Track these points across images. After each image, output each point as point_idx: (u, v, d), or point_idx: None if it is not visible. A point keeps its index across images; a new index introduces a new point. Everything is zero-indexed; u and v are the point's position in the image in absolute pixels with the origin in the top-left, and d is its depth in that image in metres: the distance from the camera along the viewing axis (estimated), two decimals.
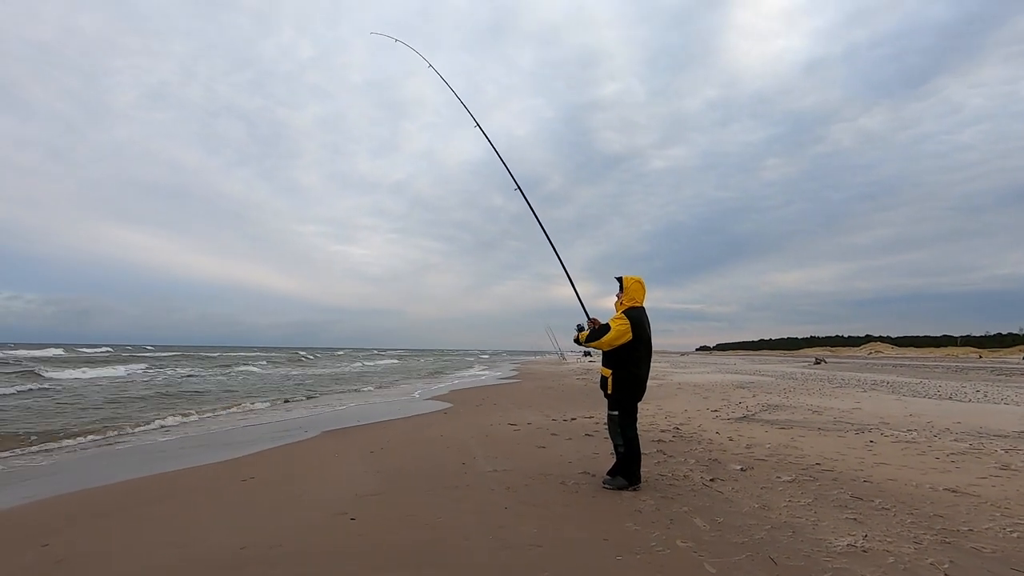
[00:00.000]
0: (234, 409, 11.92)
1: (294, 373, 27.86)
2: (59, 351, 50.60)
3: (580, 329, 4.91)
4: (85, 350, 58.07)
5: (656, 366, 32.41)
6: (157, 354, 53.06)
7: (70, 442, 7.67)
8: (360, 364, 41.04)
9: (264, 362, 39.68)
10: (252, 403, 12.97)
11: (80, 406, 12.05)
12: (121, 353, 52.92)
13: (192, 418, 10.39)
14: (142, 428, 9.07)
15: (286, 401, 13.86)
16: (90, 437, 8.07)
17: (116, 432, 8.58)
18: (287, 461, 6.18)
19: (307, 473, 5.51)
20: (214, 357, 49.09)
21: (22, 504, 4.61)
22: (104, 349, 62.98)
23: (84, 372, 23.32)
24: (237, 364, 35.25)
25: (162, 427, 9.26)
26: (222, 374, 25.46)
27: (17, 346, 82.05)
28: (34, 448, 7.24)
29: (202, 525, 3.90)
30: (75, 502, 4.65)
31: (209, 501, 4.55)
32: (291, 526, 3.77)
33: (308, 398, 14.79)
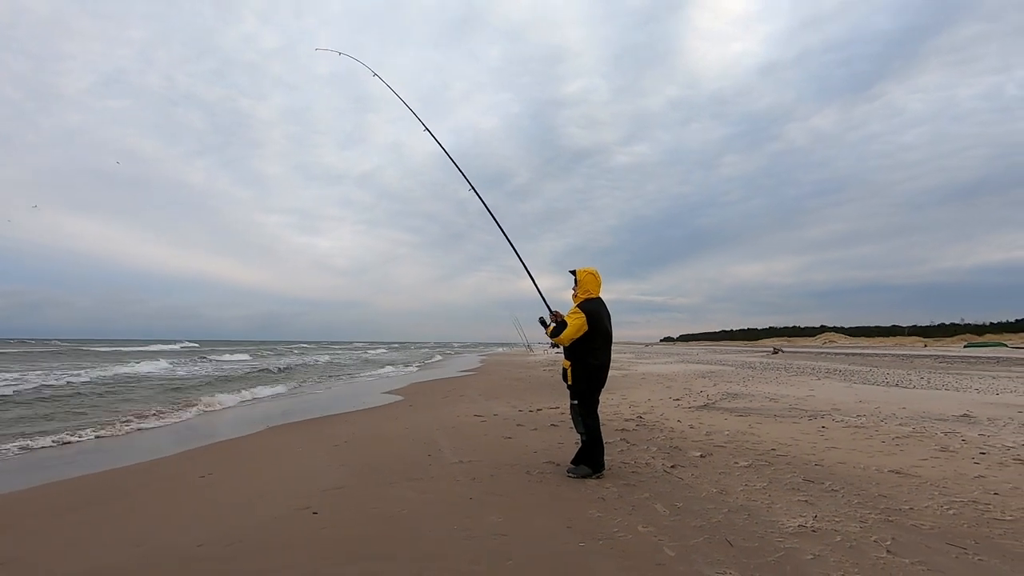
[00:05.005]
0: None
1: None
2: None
3: (543, 323, 4.93)
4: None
5: (620, 357, 32.99)
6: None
7: None
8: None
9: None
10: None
11: None
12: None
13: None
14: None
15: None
16: None
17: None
18: (248, 455, 6.05)
19: (268, 467, 5.40)
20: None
21: None
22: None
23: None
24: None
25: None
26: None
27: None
28: None
29: (157, 523, 3.77)
30: (23, 500, 4.44)
31: (165, 498, 4.41)
32: (251, 522, 3.69)
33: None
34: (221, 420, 9.36)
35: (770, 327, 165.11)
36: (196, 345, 73.79)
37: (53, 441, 6.93)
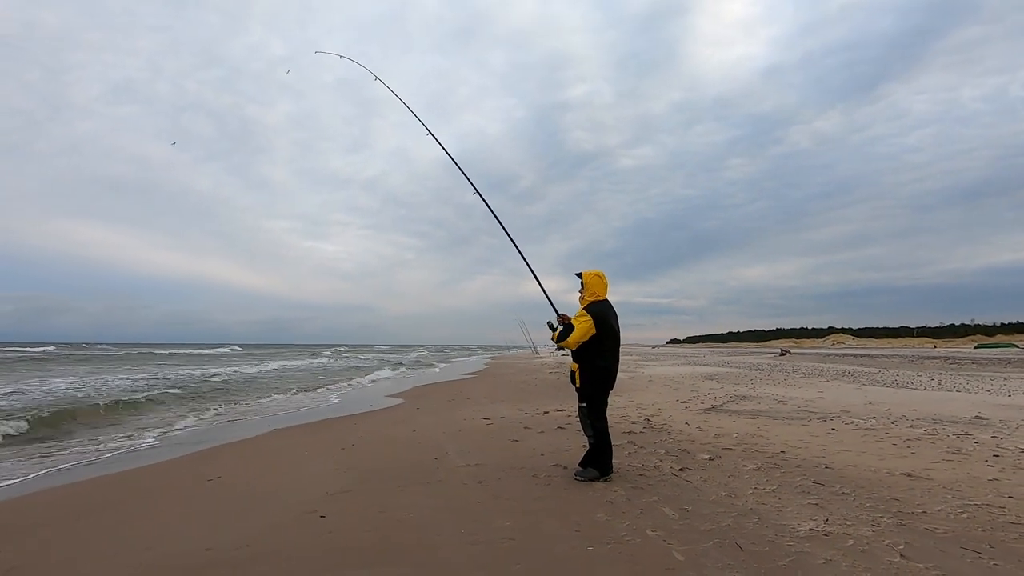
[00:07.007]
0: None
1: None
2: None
3: (551, 327, 4.92)
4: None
5: (627, 359, 32.85)
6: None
7: None
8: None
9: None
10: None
11: None
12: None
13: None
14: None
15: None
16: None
17: None
18: (255, 458, 6.05)
19: (275, 470, 5.40)
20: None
21: None
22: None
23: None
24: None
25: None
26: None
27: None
28: None
29: (167, 527, 3.78)
30: (30, 505, 4.46)
31: (175, 501, 4.42)
32: (259, 526, 3.70)
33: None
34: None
35: (777, 328, 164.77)
36: (240, 349, 75.87)
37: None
